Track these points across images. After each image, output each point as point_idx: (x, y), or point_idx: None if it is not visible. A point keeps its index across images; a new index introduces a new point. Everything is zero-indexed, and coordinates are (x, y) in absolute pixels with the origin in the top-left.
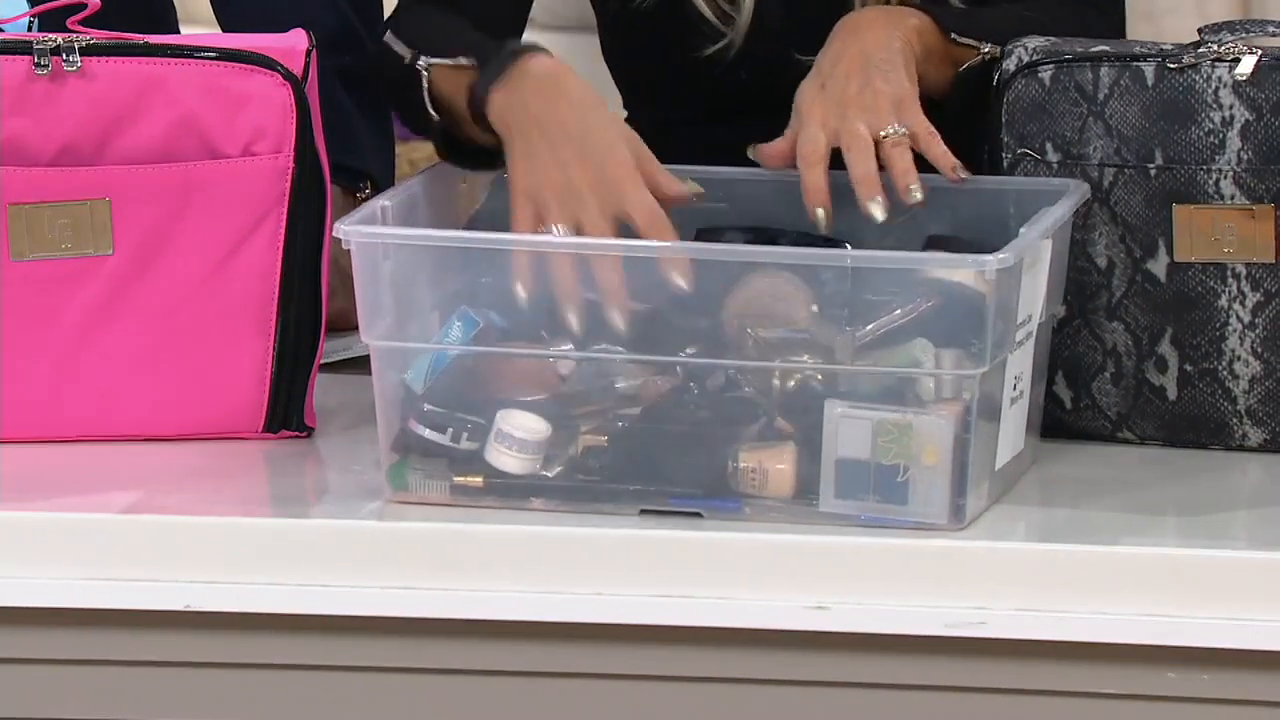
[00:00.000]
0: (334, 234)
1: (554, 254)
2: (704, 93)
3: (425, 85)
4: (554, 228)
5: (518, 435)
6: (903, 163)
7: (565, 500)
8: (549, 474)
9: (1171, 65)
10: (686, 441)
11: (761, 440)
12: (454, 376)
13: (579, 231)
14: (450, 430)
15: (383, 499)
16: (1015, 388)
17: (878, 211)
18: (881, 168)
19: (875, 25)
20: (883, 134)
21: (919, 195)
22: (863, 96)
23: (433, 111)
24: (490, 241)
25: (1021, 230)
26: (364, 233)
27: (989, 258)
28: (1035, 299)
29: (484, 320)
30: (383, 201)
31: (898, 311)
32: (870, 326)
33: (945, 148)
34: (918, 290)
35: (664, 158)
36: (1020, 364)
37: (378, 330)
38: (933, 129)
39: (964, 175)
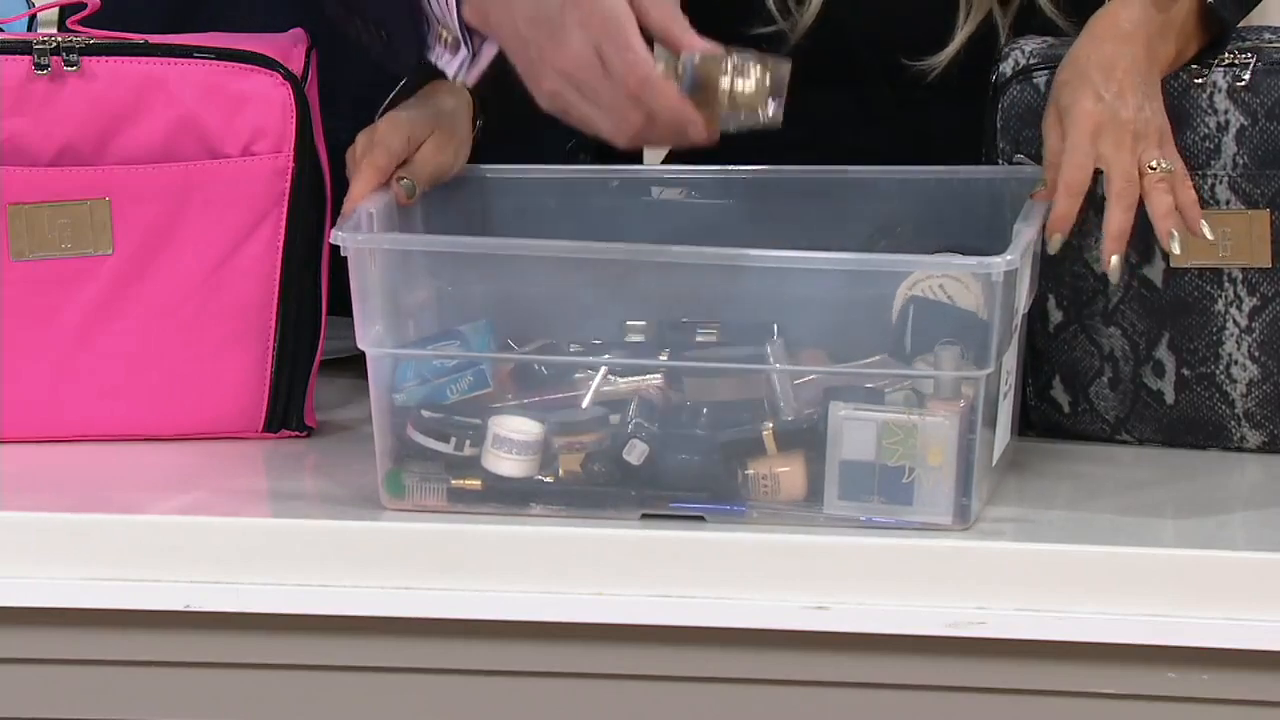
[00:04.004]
0: (331, 240)
1: None
2: None
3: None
4: None
5: (514, 438)
6: (1163, 205)
7: (565, 505)
8: (547, 479)
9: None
10: (691, 450)
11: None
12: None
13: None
14: (452, 439)
15: (381, 503)
16: (1006, 382)
17: (1174, 248)
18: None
19: (1138, 37)
20: (1150, 165)
21: (1177, 249)
22: (1137, 121)
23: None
24: (486, 246)
25: (1016, 226)
26: (358, 239)
27: (996, 260)
28: (1023, 291)
29: (490, 369)
30: (368, 208)
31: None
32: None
33: (1195, 195)
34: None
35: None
36: (1011, 359)
37: (372, 337)
38: (1186, 170)
39: (1205, 233)
